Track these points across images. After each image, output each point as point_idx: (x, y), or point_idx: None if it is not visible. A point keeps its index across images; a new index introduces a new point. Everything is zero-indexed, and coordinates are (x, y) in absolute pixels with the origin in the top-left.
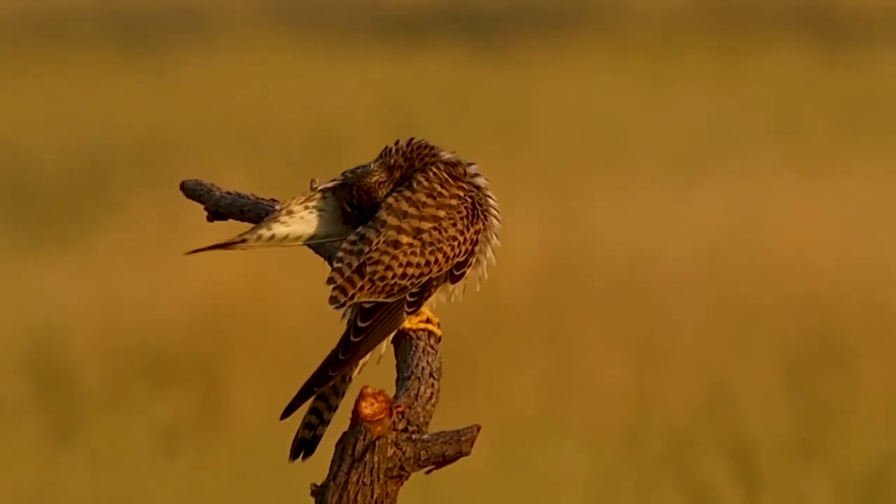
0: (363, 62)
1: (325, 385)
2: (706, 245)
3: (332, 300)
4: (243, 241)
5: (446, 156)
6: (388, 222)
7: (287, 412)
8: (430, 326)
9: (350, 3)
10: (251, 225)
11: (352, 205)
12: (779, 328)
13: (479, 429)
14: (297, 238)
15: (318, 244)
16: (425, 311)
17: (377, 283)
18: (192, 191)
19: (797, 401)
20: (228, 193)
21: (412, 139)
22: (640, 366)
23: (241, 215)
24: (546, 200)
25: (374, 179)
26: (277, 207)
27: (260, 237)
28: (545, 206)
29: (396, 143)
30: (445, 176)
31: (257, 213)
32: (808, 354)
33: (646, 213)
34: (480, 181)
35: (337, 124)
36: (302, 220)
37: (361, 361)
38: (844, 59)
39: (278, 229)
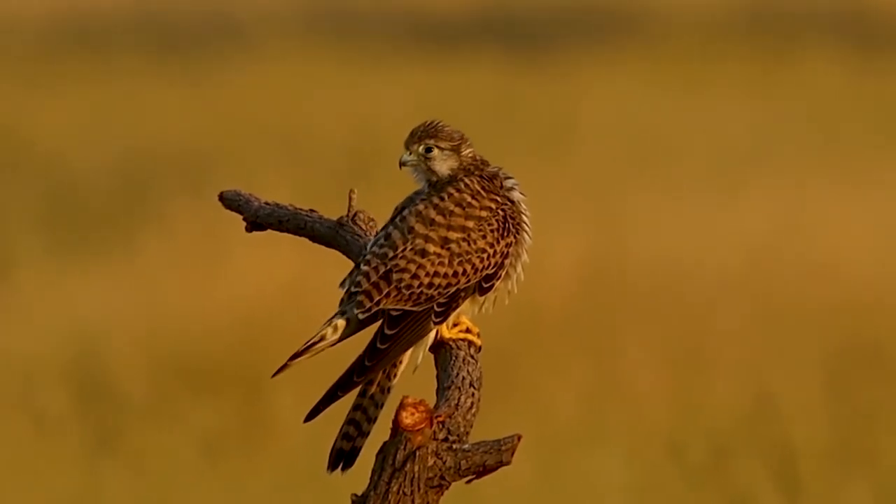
0: (402, 71)
1: (349, 390)
2: (746, 253)
3: (359, 305)
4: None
5: (488, 169)
6: (416, 230)
7: (310, 416)
8: (470, 336)
9: (389, 12)
10: (291, 235)
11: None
12: (820, 335)
13: (519, 438)
14: None
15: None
16: (465, 320)
17: (403, 291)
18: (231, 201)
19: (838, 408)
20: (267, 204)
21: (479, 158)
22: (681, 374)
23: (280, 226)
24: (587, 209)
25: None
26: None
27: None
28: (586, 215)
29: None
30: (478, 188)
31: (296, 223)
32: (849, 362)
33: (686, 221)
34: (516, 195)
35: (376, 134)
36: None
37: (398, 371)
38: (882, 67)
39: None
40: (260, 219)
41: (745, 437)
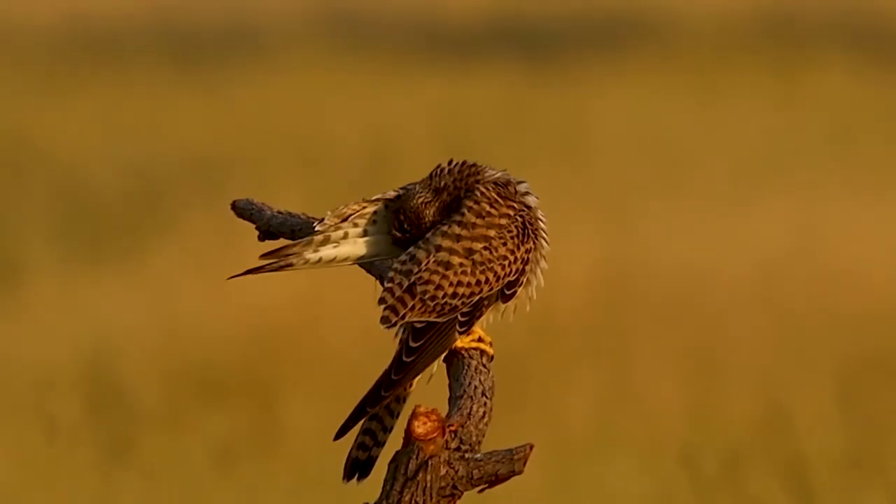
0: (418, 80)
1: (378, 405)
2: (761, 262)
3: (384, 320)
4: (289, 265)
5: (495, 174)
6: (442, 245)
7: (340, 433)
8: (482, 345)
9: (405, 22)
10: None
11: (400, 229)
12: (834, 345)
13: (532, 447)
14: (345, 259)
15: (367, 263)
16: (477, 329)
17: (428, 302)
18: (243, 210)
19: (852, 418)
20: (279, 213)
21: (462, 161)
22: (696, 383)
23: (293, 234)
24: (601, 217)
25: (419, 201)
26: (321, 223)
27: (307, 261)
28: (600, 223)
29: (447, 163)
30: (494, 196)
31: (308, 232)
32: (863, 371)
33: (701, 229)
34: (531, 200)
35: (392, 143)
36: (349, 241)
37: (414, 381)
38: None
39: (326, 252)
40: (272, 228)
41: (759, 446)
